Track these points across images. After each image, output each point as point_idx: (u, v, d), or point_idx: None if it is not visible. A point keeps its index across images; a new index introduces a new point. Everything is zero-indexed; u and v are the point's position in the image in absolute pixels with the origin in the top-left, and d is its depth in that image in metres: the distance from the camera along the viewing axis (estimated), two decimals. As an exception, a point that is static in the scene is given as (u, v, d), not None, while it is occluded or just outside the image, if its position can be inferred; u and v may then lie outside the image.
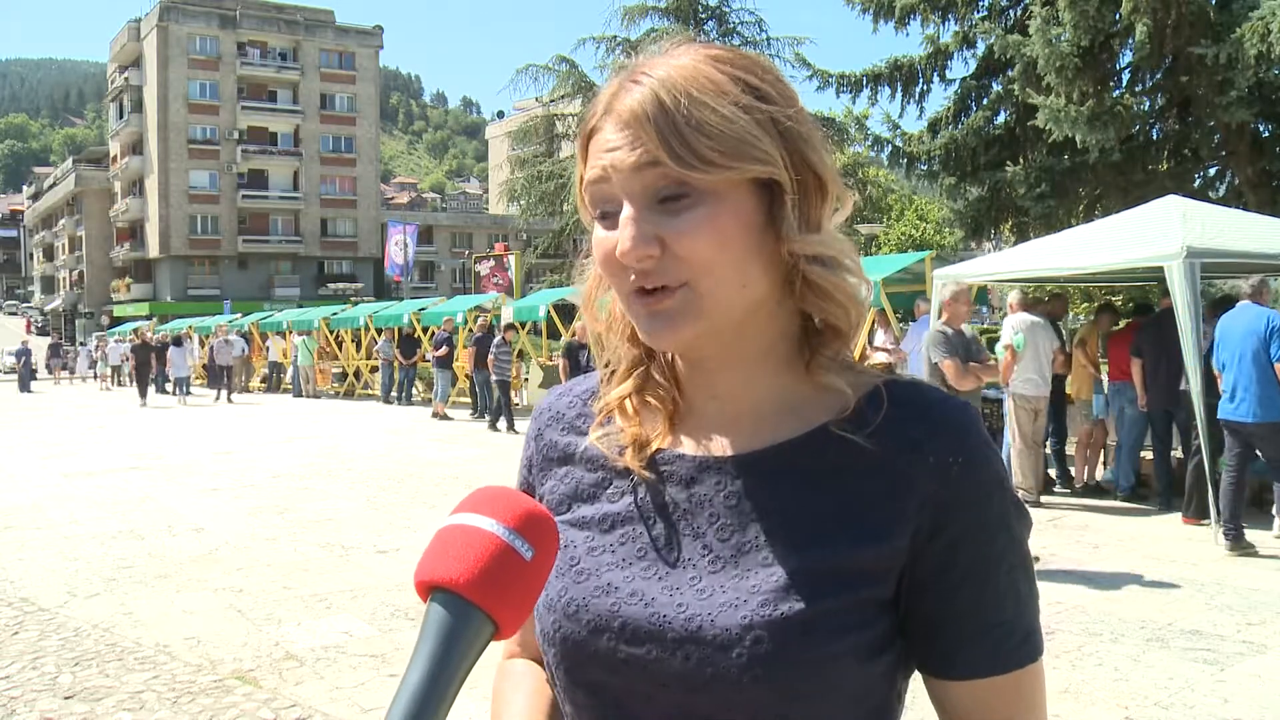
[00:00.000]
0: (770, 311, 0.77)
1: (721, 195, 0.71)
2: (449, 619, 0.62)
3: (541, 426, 0.91)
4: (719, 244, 0.71)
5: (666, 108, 0.71)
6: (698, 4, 25.16)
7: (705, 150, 0.70)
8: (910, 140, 14.70)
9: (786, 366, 0.79)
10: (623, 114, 0.72)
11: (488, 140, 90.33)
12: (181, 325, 32.65)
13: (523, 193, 28.24)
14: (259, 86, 59.13)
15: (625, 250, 0.72)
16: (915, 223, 38.28)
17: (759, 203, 0.73)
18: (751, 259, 0.73)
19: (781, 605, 0.70)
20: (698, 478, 0.78)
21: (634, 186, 0.72)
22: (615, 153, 0.72)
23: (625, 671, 0.74)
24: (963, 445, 0.74)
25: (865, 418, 0.75)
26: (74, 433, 15.61)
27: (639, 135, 0.71)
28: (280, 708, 3.75)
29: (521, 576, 0.64)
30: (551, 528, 0.67)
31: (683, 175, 0.70)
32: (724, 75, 0.73)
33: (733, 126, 0.70)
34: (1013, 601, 0.75)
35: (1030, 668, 0.75)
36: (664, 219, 0.72)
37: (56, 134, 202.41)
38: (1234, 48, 10.45)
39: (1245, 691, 3.77)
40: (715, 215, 0.71)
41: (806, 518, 0.74)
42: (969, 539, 0.73)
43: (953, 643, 0.74)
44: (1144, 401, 7.53)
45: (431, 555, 0.64)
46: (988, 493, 0.74)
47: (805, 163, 0.74)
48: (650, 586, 0.75)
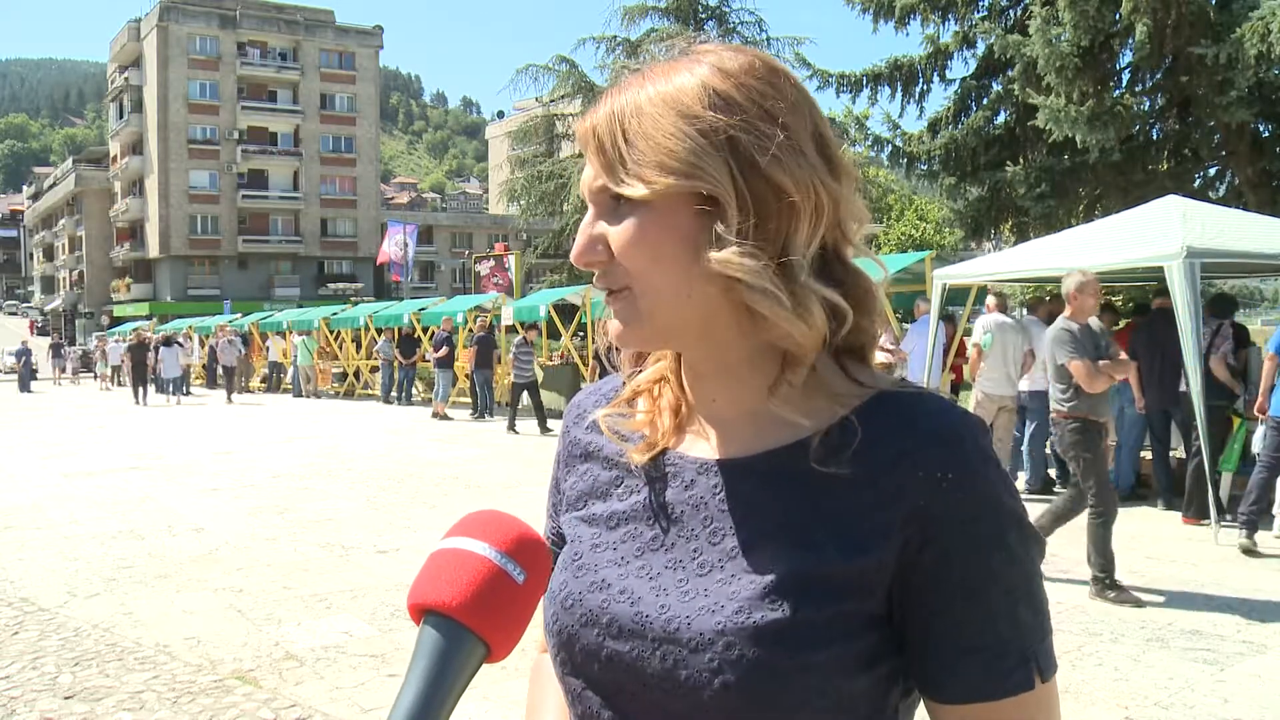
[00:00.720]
0: (740, 322, 0.76)
1: (656, 207, 0.73)
2: (441, 641, 0.63)
3: (569, 424, 0.94)
4: (649, 254, 0.74)
5: (613, 124, 0.75)
6: (698, 4, 25.16)
7: (636, 166, 0.73)
8: (910, 140, 14.69)
9: (768, 377, 0.78)
10: (580, 133, 0.78)
11: (488, 140, 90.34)
12: (181, 325, 32.66)
13: (523, 193, 28.22)
14: (259, 86, 59.13)
15: (574, 255, 0.79)
16: (915, 223, 38.29)
17: (700, 215, 0.73)
18: (689, 270, 0.73)
19: (756, 613, 0.70)
20: (697, 480, 0.79)
21: (593, 197, 0.78)
22: (586, 169, 0.79)
23: (611, 667, 0.76)
24: (953, 459, 0.72)
25: (844, 439, 0.73)
26: (74, 433, 15.60)
27: (589, 152, 0.77)
28: (280, 708, 3.75)
29: (514, 600, 0.65)
30: (544, 552, 0.68)
31: (617, 188, 0.74)
32: (696, 85, 0.73)
33: (669, 141, 0.72)
34: (1008, 624, 0.71)
35: (1026, 696, 0.71)
36: (610, 225, 0.76)
37: (56, 134, 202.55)
38: (1234, 48, 10.45)
39: (1245, 691, 3.77)
40: (646, 226, 0.74)
41: (794, 525, 0.73)
42: (958, 555, 0.71)
43: (941, 663, 0.72)
44: (1141, 403, 7.54)
45: (424, 578, 0.65)
46: (979, 509, 0.71)
47: (761, 176, 0.72)
48: (640, 585, 0.77)
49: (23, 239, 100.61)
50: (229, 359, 22.52)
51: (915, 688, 0.76)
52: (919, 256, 11.76)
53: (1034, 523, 0.86)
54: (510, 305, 18.65)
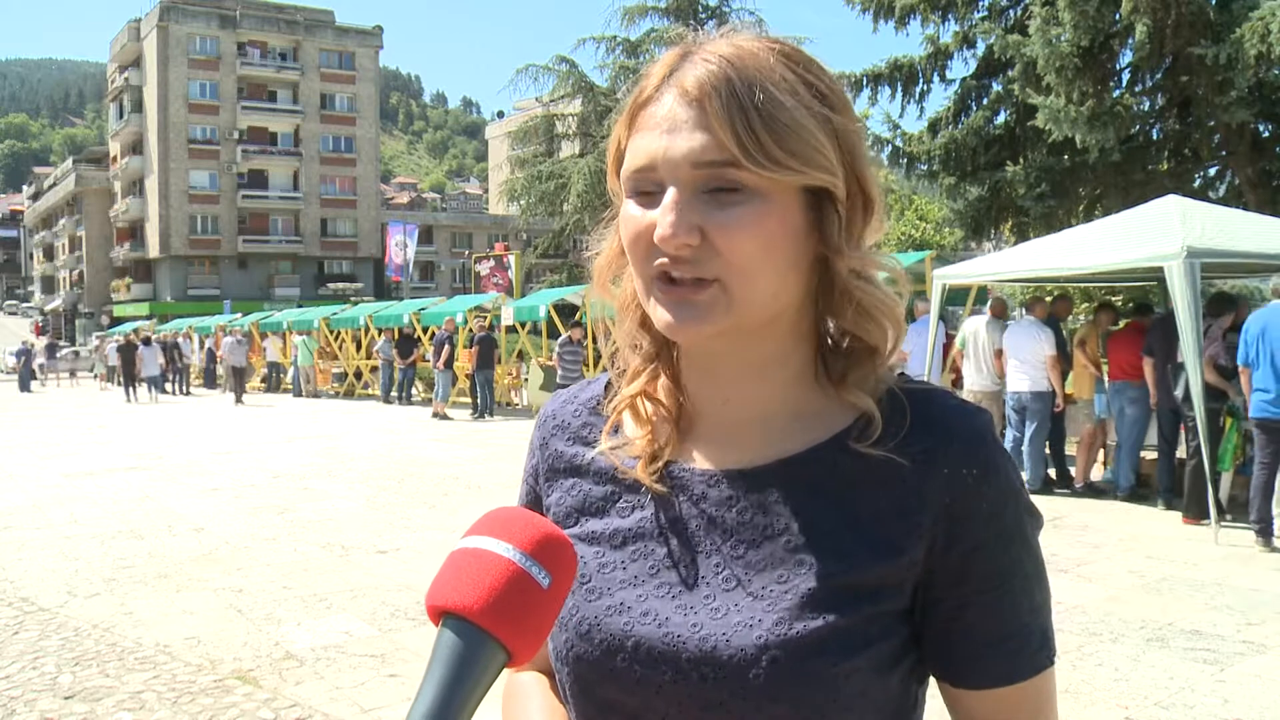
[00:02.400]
0: (791, 321, 0.76)
1: (772, 197, 0.69)
2: (461, 646, 0.60)
3: (547, 435, 0.89)
4: (763, 246, 0.69)
5: (738, 93, 0.67)
6: (698, 4, 25.18)
7: (774, 149, 0.67)
8: (910, 140, 14.70)
9: (797, 378, 0.77)
10: (689, 88, 0.69)
11: (488, 140, 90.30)
12: (181, 325, 32.68)
13: (523, 193, 28.24)
14: (259, 86, 59.12)
15: (665, 236, 0.68)
16: (915, 223, 38.23)
17: (806, 210, 0.71)
18: (790, 266, 0.72)
19: (797, 624, 0.69)
20: (708, 493, 0.77)
21: (689, 173, 0.69)
22: (674, 135, 0.69)
23: (640, 692, 0.73)
24: (976, 455, 0.73)
25: (889, 432, 0.73)
26: (74, 433, 15.60)
27: (705, 116, 0.68)
28: (280, 708, 3.75)
29: (537, 604, 0.62)
30: (570, 553, 0.65)
31: (741, 170, 0.67)
32: (793, 73, 0.71)
33: (803, 128, 0.69)
34: (1028, 609, 0.74)
35: (1047, 671, 0.75)
36: (710, 210, 0.69)
37: (56, 134, 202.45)
38: (1234, 48, 10.45)
39: (1245, 691, 3.77)
40: (764, 216, 0.69)
41: (820, 533, 0.73)
42: (985, 550, 0.72)
43: (970, 653, 0.73)
44: (1155, 400, 7.52)
45: (444, 579, 0.62)
46: (1003, 503, 0.73)
47: (856, 176, 0.73)
48: (664, 605, 0.74)
49: (23, 239, 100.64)
50: (238, 359, 21.80)
51: (932, 677, 0.77)
52: (919, 256, 11.77)
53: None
54: (510, 305, 18.66)
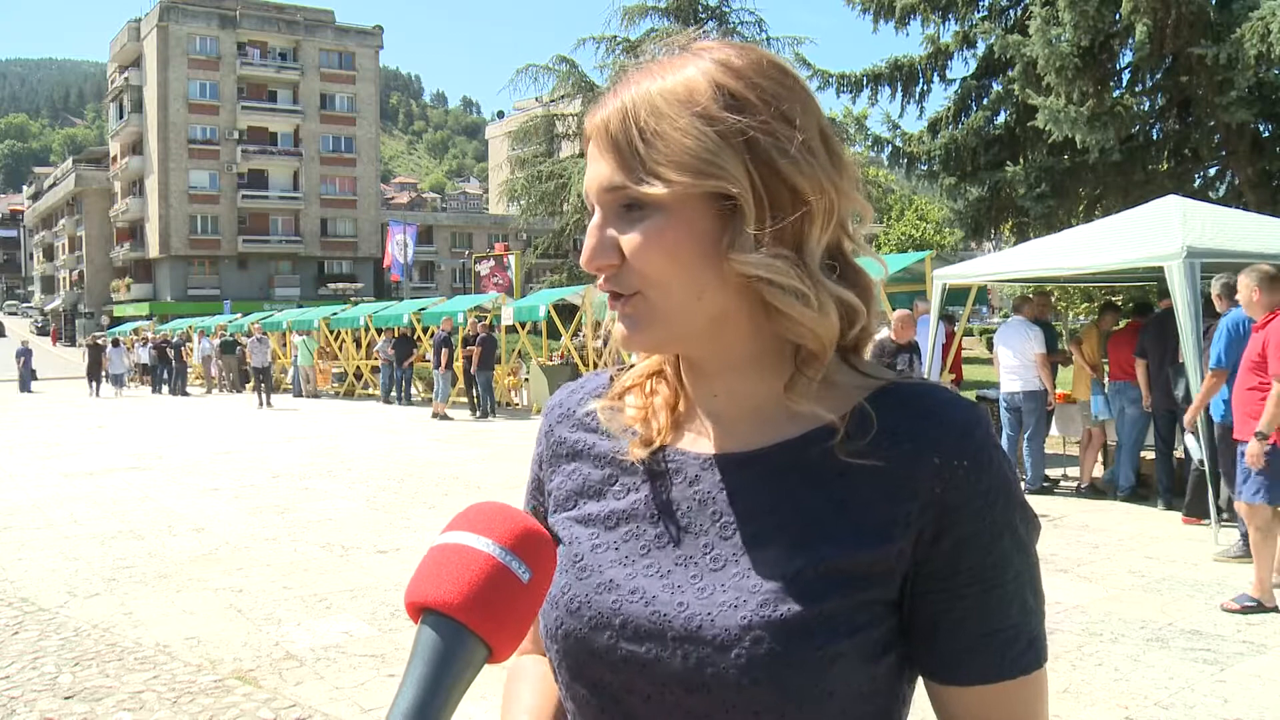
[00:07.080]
0: (750, 320, 0.76)
1: (673, 209, 0.72)
2: (440, 642, 0.60)
3: (552, 423, 0.91)
4: (667, 257, 0.73)
5: (627, 122, 0.73)
6: (698, 4, 25.18)
7: (657, 167, 0.72)
8: (910, 140, 14.70)
9: (776, 374, 0.78)
10: (590, 127, 0.77)
11: (488, 140, 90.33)
12: (181, 325, 32.67)
13: (523, 193, 28.25)
14: (259, 86, 59.12)
15: (585, 260, 0.76)
16: (915, 223, 38.26)
17: (717, 217, 0.73)
18: (704, 272, 0.73)
19: (781, 606, 0.70)
20: (701, 475, 0.78)
21: (603, 197, 0.75)
22: (592, 166, 0.77)
23: (625, 669, 0.74)
24: (968, 447, 0.73)
25: (862, 429, 0.74)
26: (74, 433, 15.60)
27: (601, 150, 0.75)
28: (280, 708, 3.75)
29: (517, 599, 0.62)
30: (550, 548, 0.65)
31: (637, 189, 0.72)
32: (707, 84, 0.72)
33: (688, 141, 0.71)
34: (1018, 608, 0.74)
35: (1032, 676, 0.74)
36: (624, 228, 0.74)
37: (56, 134, 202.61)
38: (1234, 48, 10.46)
39: (1245, 691, 3.77)
40: (664, 229, 0.73)
41: (809, 518, 0.73)
42: (974, 543, 0.72)
43: (956, 648, 0.73)
44: (1148, 402, 7.52)
45: (423, 575, 0.62)
46: (993, 496, 0.73)
47: (778, 177, 0.72)
48: (651, 584, 0.75)
49: (23, 239, 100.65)
50: (260, 359, 20.82)
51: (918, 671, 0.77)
52: (919, 256, 11.76)
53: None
54: (510, 305, 18.66)
